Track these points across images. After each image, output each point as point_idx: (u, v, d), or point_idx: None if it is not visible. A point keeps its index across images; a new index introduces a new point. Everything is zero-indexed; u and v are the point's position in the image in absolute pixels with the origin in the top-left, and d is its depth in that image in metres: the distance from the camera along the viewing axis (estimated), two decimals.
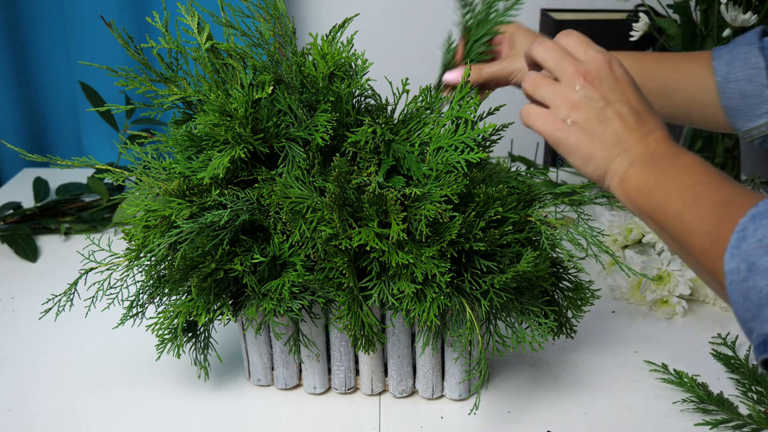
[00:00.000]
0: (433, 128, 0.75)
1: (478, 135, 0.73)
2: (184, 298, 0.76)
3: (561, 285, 0.78)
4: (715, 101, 0.79)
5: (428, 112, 0.77)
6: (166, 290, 0.76)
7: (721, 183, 0.54)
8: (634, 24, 1.16)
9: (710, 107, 0.80)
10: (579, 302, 0.78)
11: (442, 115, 0.76)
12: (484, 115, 0.78)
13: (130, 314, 0.79)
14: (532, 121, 0.63)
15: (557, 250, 0.75)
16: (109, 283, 0.79)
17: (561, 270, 0.79)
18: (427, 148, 0.75)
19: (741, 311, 0.47)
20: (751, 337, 0.46)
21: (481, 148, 0.81)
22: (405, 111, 0.78)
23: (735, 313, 0.47)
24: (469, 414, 0.79)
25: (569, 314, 0.80)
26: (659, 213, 0.56)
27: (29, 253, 1.14)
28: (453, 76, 0.83)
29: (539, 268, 0.71)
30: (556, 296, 0.78)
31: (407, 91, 0.79)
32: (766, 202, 0.48)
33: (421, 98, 0.78)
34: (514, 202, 0.73)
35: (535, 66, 0.66)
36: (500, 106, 0.82)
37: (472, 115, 0.75)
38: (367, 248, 0.69)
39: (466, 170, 0.72)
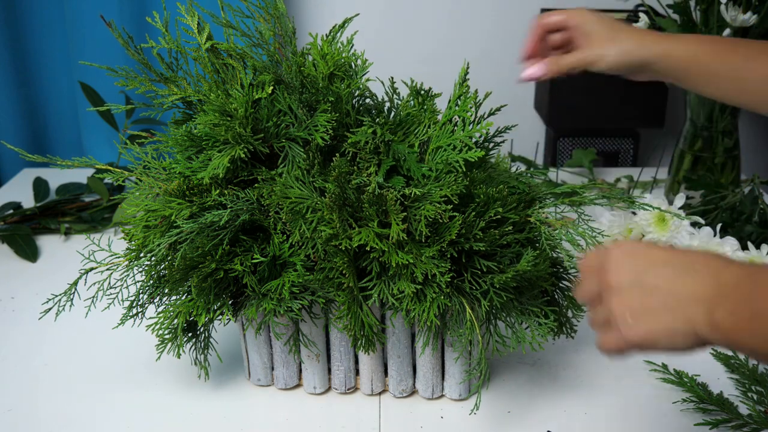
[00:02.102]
0: (429, 128, 0.75)
1: (478, 134, 0.73)
2: (184, 298, 0.76)
3: (561, 285, 0.78)
4: None
5: (423, 111, 0.77)
6: (166, 290, 0.76)
7: None
8: (634, 24, 1.16)
9: None
10: (579, 302, 0.78)
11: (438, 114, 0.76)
12: (485, 115, 0.78)
13: (130, 314, 0.79)
14: (611, 347, 0.56)
15: (557, 250, 0.75)
16: (109, 283, 0.79)
17: (561, 270, 0.79)
18: (426, 147, 0.75)
19: None
20: None
21: (482, 149, 0.81)
22: (399, 111, 0.78)
23: None
24: (469, 414, 0.79)
25: (569, 314, 0.80)
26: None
27: (29, 253, 1.14)
28: (533, 71, 0.86)
29: (539, 268, 0.71)
30: (556, 296, 0.78)
31: (396, 91, 0.79)
32: None
33: (411, 99, 0.77)
34: (515, 202, 0.73)
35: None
36: (501, 107, 0.81)
37: (471, 115, 0.75)
38: (367, 248, 0.69)
39: (464, 170, 0.72)
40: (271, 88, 0.76)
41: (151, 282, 0.77)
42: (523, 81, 0.88)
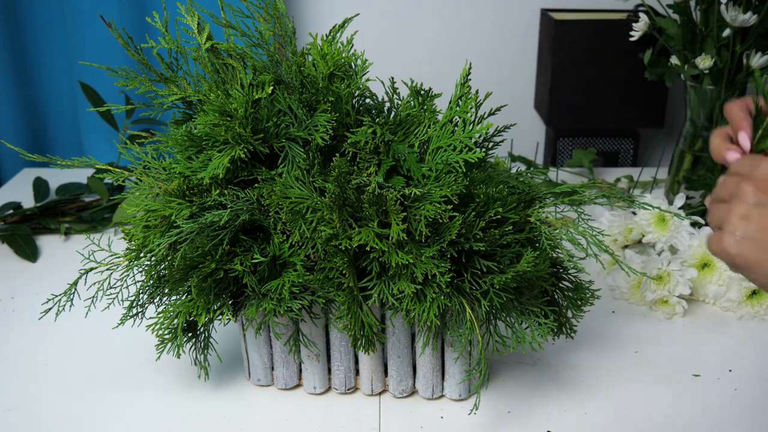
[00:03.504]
0: (429, 128, 0.75)
1: (478, 135, 0.73)
2: (184, 298, 0.76)
3: (561, 285, 0.78)
4: None
5: (423, 111, 0.77)
6: (166, 290, 0.76)
7: None
8: (634, 24, 1.16)
9: None
10: (579, 302, 0.78)
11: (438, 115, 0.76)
12: (486, 115, 0.78)
13: (130, 314, 0.79)
14: (713, 247, 0.55)
15: (557, 250, 0.75)
16: (109, 283, 0.79)
17: (561, 270, 0.79)
18: (426, 147, 0.75)
19: None
20: None
21: (482, 149, 0.81)
22: (400, 111, 0.78)
23: None
24: (469, 414, 0.79)
25: (569, 314, 0.80)
26: None
27: (29, 253, 1.14)
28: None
29: (539, 268, 0.71)
30: (556, 296, 0.78)
31: (396, 91, 0.79)
32: None
33: (411, 100, 0.77)
34: (515, 202, 0.73)
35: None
36: (501, 107, 0.82)
37: (471, 116, 0.75)
38: (367, 248, 0.69)
39: (464, 170, 0.72)
40: (271, 88, 0.76)
41: (151, 282, 0.77)
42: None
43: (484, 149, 0.81)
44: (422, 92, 0.77)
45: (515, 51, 1.67)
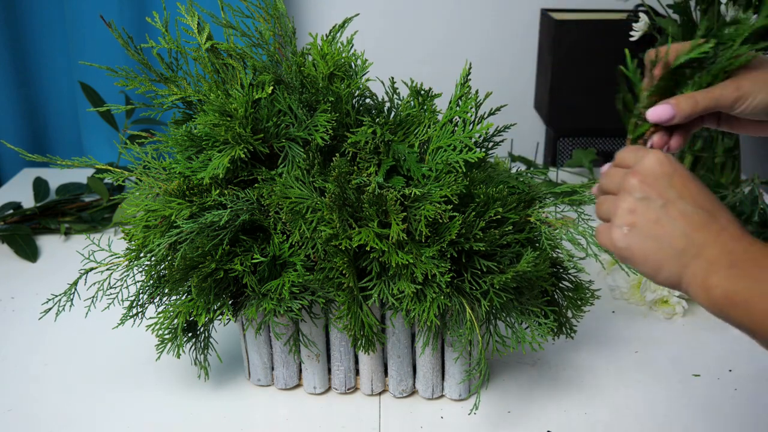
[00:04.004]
0: (429, 128, 0.75)
1: (478, 135, 0.73)
2: (184, 298, 0.76)
3: (561, 285, 0.78)
4: None
5: (423, 111, 0.77)
6: (166, 290, 0.76)
7: None
8: (634, 24, 1.16)
9: None
10: (579, 302, 0.78)
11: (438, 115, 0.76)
12: (486, 115, 0.78)
13: (130, 314, 0.79)
14: (600, 239, 0.57)
15: (557, 250, 0.75)
16: (109, 283, 0.79)
17: (561, 270, 0.79)
18: (426, 147, 0.75)
19: None
20: None
21: (482, 149, 0.81)
22: (400, 111, 0.78)
23: None
24: (469, 414, 0.79)
25: (569, 314, 0.80)
26: (765, 329, 0.49)
27: (29, 253, 1.14)
28: (661, 112, 0.63)
29: (539, 268, 0.71)
30: (556, 296, 0.78)
31: (396, 91, 0.79)
32: None
33: (411, 100, 0.77)
34: (515, 202, 0.73)
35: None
36: (501, 107, 0.82)
37: (471, 116, 0.75)
38: (367, 248, 0.69)
39: (464, 170, 0.72)
40: (271, 88, 0.76)
41: (151, 282, 0.77)
42: (652, 121, 0.64)
43: (484, 149, 0.81)
44: (422, 92, 0.77)
45: (515, 51, 1.67)
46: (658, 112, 0.62)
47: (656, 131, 0.64)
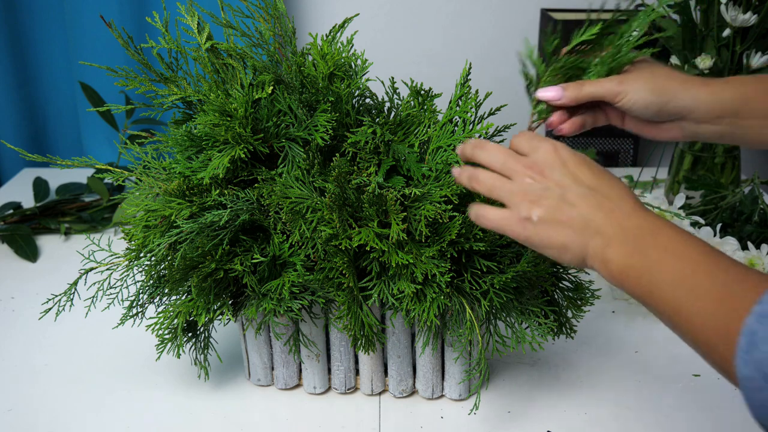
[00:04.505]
0: (429, 128, 0.75)
1: (478, 135, 0.73)
2: (184, 298, 0.76)
3: (561, 285, 0.78)
4: None
5: (423, 111, 0.77)
6: (166, 290, 0.76)
7: (713, 267, 0.51)
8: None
9: None
10: (579, 302, 0.78)
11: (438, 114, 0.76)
12: (486, 115, 0.78)
13: (130, 314, 0.79)
14: (493, 223, 0.61)
15: None
16: (109, 283, 0.79)
17: (561, 270, 0.79)
18: (426, 147, 0.75)
19: (760, 416, 0.46)
20: None
21: None
22: (400, 111, 0.78)
23: (753, 415, 0.47)
24: (469, 414, 0.79)
25: (569, 314, 0.80)
26: (653, 300, 0.54)
27: (29, 253, 1.14)
28: (551, 94, 0.69)
29: (539, 268, 0.71)
30: (556, 296, 0.78)
31: (396, 91, 0.79)
32: None
33: (411, 100, 0.77)
34: None
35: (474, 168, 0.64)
36: (501, 107, 0.82)
37: (470, 116, 0.75)
38: (367, 248, 0.69)
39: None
40: (271, 88, 0.76)
41: (151, 282, 0.77)
42: (539, 98, 0.70)
43: None
44: (422, 92, 0.77)
45: (515, 51, 1.67)
46: (546, 92, 0.69)
47: (556, 110, 0.70)
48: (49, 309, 0.82)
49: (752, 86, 0.70)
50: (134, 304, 0.78)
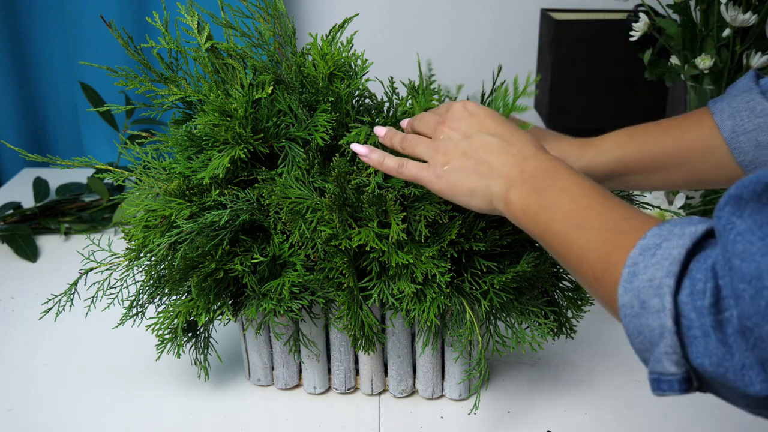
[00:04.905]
0: None
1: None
2: (184, 298, 0.76)
3: (561, 285, 0.78)
4: (729, 160, 0.72)
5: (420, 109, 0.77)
6: (166, 290, 0.76)
7: (603, 206, 0.54)
8: (634, 24, 1.16)
9: (727, 167, 0.73)
10: (579, 302, 0.78)
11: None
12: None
13: (130, 314, 0.79)
14: (413, 172, 0.66)
15: None
16: (109, 283, 0.79)
17: (561, 270, 0.79)
18: None
19: (635, 343, 0.48)
20: (646, 365, 0.48)
21: None
22: (397, 109, 0.78)
23: (630, 341, 0.49)
24: (469, 414, 0.79)
25: (569, 314, 0.80)
26: (547, 237, 0.57)
27: (29, 253, 1.14)
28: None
29: (539, 269, 0.71)
30: (556, 296, 0.78)
31: (395, 90, 0.79)
32: (653, 232, 0.48)
33: (410, 99, 0.77)
34: None
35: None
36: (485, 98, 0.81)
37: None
38: (367, 248, 0.69)
39: None
40: (271, 88, 0.76)
41: (151, 282, 0.77)
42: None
43: None
44: (421, 89, 0.77)
45: (515, 51, 1.67)
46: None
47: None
48: (49, 309, 0.82)
49: (627, 148, 0.75)
50: (134, 304, 0.78)
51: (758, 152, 0.71)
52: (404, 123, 0.72)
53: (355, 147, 0.71)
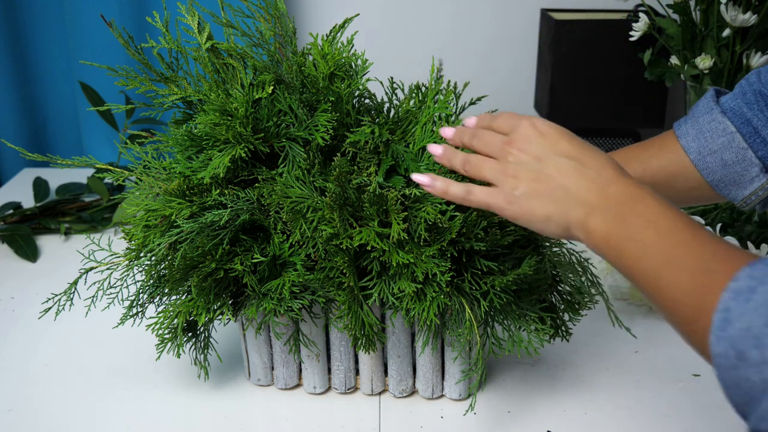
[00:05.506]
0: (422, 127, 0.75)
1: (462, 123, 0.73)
2: (184, 297, 0.76)
3: (560, 288, 0.78)
4: (699, 180, 0.73)
5: (419, 111, 0.77)
6: (166, 290, 0.76)
7: (693, 241, 0.51)
8: (634, 24, 1.16)
9: (697, 188, 0.74)
10: (577, 306, 0.78)
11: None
12: (466, 105, 0.78)
13: (130, 314, 0.79)
14: (481, 198, 0.63)
15: (557, 249, 0.75)
16: (109, 283, 0.79)
17: (559, 273, 0.79)
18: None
19: (733, 396, 0.45)
20: (745, 420, 0.45)
21: None
22: (399, 111, 0.78)
23: (725, 394, 0.46)
24: (464, 414, 0.79)
25: (566, 317, 0.79)
26: (632, 273, 0.54)
27: (29, 253, 1.14)
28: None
29: (540, 273, 0.71)
30: (553, 299, 0.78)
31: (395, 90, 0.79)
32: (746, 273, 0.45)
33: (412, 99, 0.77)
34: None
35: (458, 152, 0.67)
36: (482, 97, 0.81)
37: (451, 110, 0.75)
38: (368, 248, 0.69)
39: None
40: (272, 87, 0.76)
41: (151, 282, 0.77)
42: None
43: None
44: (422, 88, 0.77)
45: (515, 51, 1.67)
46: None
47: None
48: (49, 309, 0.82)
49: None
50: (134, 304, 0.78)
51: (725, 171, 0.72)
52: (450, 135, 0.68)
53: (417, 177, 0.67)
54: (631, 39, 1.18)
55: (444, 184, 0.65)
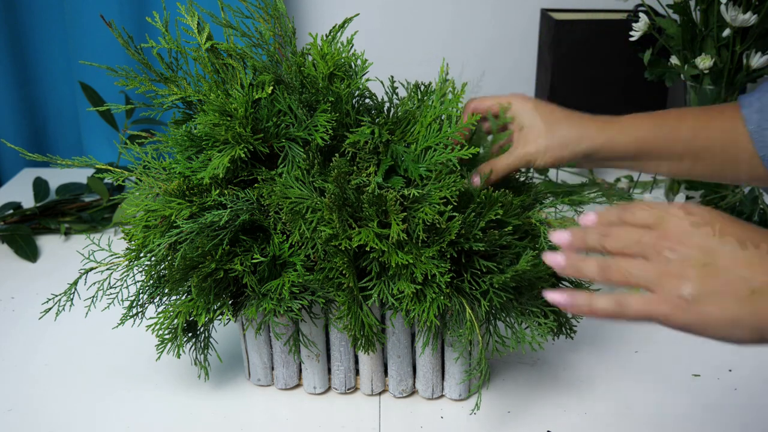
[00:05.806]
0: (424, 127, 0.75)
1: (464, 129, 0.73)
2: (184, 298, 0.76)
3: (561, 285, 0.78)
4: (750, 154, 0.71)
5: (419, 110, 0.77)
6: (166, 290, 0.76)
7: None
8: (634, 24, 1.16)
9: (746, 161, 0.71)
10: None
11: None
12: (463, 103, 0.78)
13: (130, 314, 0.79)
14: (640, 309, 0.51)
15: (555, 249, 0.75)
16: (109, 283, 0.79)
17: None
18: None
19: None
20: None
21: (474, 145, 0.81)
22: (399, 111, 0.78)
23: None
24: (470, 414, 0.79)
25: (569, 314, 0.80)
26: None
27: (29, 253, 1.14)
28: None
29: (539, 269, 0.71)
30: None
31: (395, 90, 0.79)
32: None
33: (411, 99, 0.77)
34: (518, 208, 0.73)
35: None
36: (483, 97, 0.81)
37: (456, 111, 0.75)
38: (367, 248, 0.69)
39: (458, 167, 0.72)
40: (271, 88, 0.76)
41: (151, 282, 0.77)
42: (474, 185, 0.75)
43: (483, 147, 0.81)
44: (422, 87, 0.77)
45: (515, 51, 1.67)
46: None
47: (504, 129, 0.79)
48: (49, 309, 0.82)
49: (646, 130, 0.74)
50: (134, 304, 0.78)
51: None
52: (589, 219, 0.57)
53: (551, 297, 0.55)
54: (631, 39, 1.18)
55: (587, 300, 0.53)
